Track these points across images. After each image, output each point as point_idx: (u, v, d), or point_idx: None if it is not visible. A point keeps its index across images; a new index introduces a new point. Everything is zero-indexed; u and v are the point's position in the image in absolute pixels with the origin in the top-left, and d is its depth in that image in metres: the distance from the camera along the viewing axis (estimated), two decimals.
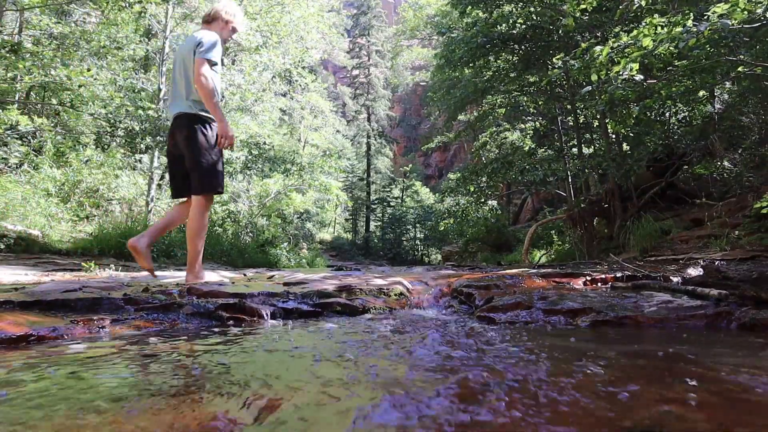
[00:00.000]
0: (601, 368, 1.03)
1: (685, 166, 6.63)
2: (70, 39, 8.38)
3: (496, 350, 1.24)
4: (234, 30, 2.87)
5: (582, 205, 7.87)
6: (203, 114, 2.71)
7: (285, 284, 2.71)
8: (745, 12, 2.97)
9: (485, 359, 1.14)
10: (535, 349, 1.25)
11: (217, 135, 2.70)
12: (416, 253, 24.38)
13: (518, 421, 0.70)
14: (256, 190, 12.86)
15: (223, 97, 11.27)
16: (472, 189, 9.57)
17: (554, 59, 4.53)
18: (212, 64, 2.66)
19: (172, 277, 3.33)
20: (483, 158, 13.62)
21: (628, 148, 7.79)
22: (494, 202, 15.94)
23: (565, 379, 0.93)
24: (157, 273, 3.14)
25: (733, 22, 2.99)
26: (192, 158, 2.67)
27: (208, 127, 2.72)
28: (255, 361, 1.18)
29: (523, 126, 12.19)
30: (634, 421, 0.69)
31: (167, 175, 9.82)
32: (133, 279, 2.95)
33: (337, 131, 27.30)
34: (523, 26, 7.81)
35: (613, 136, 7.68)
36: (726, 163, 5.85)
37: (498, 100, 10.45)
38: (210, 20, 2.87)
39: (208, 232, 8.98)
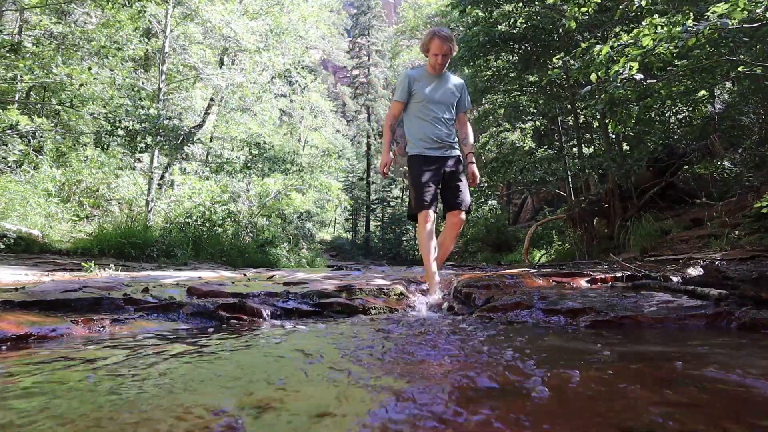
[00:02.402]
0: (600, 368, 1.03)
1: (685, 166, 6.63)
2: (69, 39, 8.38)
3: (495, 351, 1.24)
4: (436, 56, 2.80)
5: (582, 205, 7.87)
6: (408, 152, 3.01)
7: (285, 284, 2.72)
8: (745, 12, 2.97)
9: (483, 360, 1.14)
10: (535, 349, 1.25)
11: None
12: (416, 253, 24.35)
13: (516, 422, 0.70)
14: (256, 190, 12.85)
15: (222, 97, 11.28)
16: (472, 189, 9.55)
17: (554, 59, 4.54)
18: (396, 101, 2.99)
19: (173, 276, 3.33)
20: (483, 158, 13.61)
21: (628, 148, 7.79)
22: (494, 202, 15.93)
23: (564, 378, 0.93)
24: (156, 273, 3.15)
25: (733, 21, 2.98)
26: None
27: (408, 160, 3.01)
28: (252, 362, 1.18)
29: (523, 126, 12.18)
30: (633, 421, 0.69)
31: (166, 175, 9.86)
32: (133, 279, 2.95)
33: (337, 131, 27.28)
34: (524, 26, 7.80)
35: (613, 136, 7.68)
36: (726, 163, 5.85)
37: (498, 100, 10.45)
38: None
39: (208, 231, 9.04)
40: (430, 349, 1.31)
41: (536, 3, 7.80)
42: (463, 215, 2.89)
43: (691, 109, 6.76)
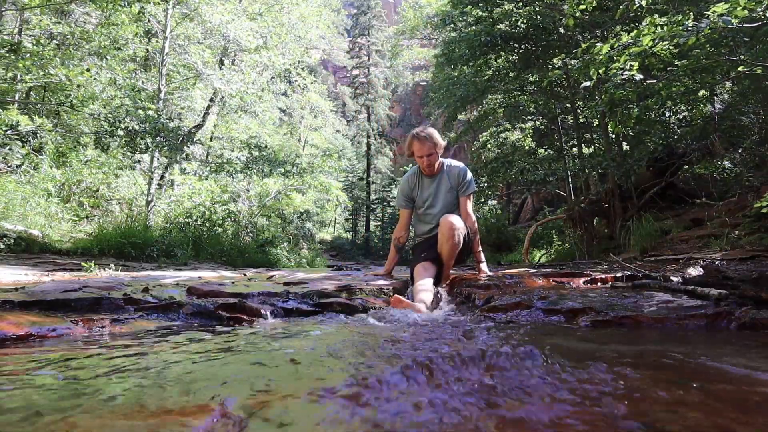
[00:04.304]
0: (600, 368, 1.03)
1: (685, 166, 6.63)
2: (70, 39, 8.39)
3: (495, 350, 1.24)
4: (421, 158, 2.80)
5: (582, 205, 7.87)
6: None
7: (285, 284, 2.72)
8: (746, 10, 2.97)
9: (483, 359, 1.14)
10: (534, 349, 1.25)
11: None
12: None
13: (514, 422, 0.70)
14: (256, 190, 12.86)
15: (222, 97, 11.29)
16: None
17: (554, 60, 4.56)
18: (400, 209, 3.11)
19: (173, 276, 3.33)
20: (483, 158, 13.62)
21: (628, 148, 7.79)
22: (494, 202, 15.94)
23: (563, 378, 0.93)
24: (156, 273, 3.15)
25: (735, 21, 2.98)
26: None
27: None
28: (251, 360, 1.18)
29: (523, 126, 12.19)
30: (633, 421, 0.69)
31: (166, 175, 9.84)
32: (133, 279, 2.95)
33: (337, 131, 27.29)
34: (524, 25, 7.81)
35: (613, 135, 7.68)
36: (726, 163, 5.85)
37: (498, 100, 10.46)
38: None
39: (208, 231, 9.04)
40: (422, 349, 1.31)
41: (537, 2, 7.80)
42: (450, 218, 2.64)
43: (691, 108, 6.76)
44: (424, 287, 2.40)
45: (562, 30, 7.50)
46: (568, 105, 8.59)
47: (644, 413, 0.72)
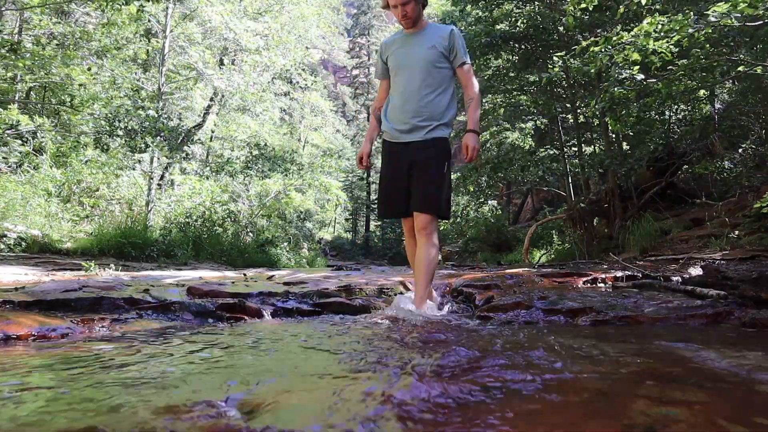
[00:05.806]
0: (600, 367, 1.03)
1: (685, 166, 6.63)
2: (70, 39, 8.39)
3: (495, 350, 1.24)
4: (395, 7, 2.19)
5: (582, 205, 7.87)
6: None
7: (285, 284, 2.72)
8: (751, 9, 2.97)
9: (484, 359, 1.14)
10: (534, 349, 1.25)
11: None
12: None
13: (513, 422, 0.70)
14: (256, 189, 12.86)
15: (222, 96, 11.30)
16: (471, 189, 9.57)
17: (554, 57, 4.56)
18: (379, 81, 2.51)
19: (173, 276, 3.33)
20: (483, 157, 13.59)
21: (628, 147, 7.79)
22: (494, 202, 15.93)
23: (563, 378, 0.93)
24: (156, 273, 3.15)
25: (734, 21, 2.99)
26: None
27: None
28: (249, 360, 1.18)
29: (523, 125, 12.20)
30: (632, 421, 0.69)
31: (166, 175, 9.84)
32: (134, 279, 2.95)
33: (337, 131, 27.30)
34: (524, 25, 7.81)
35: (613, 135, 7.68)
36: (726, 163, 5.85)
37: (498, 100, 10.45)
38: None
39: (208, 231, 9.03)
40: (420, 350, 1.31)
41: (537, 2, 7.80)
42: (422, 218, 2.14)
43: (691, 108, 6.76)
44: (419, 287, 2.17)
45: (562, 30, 7.50)
46: (568, 105, 8.59)
47: (643, 413, 0.72)
